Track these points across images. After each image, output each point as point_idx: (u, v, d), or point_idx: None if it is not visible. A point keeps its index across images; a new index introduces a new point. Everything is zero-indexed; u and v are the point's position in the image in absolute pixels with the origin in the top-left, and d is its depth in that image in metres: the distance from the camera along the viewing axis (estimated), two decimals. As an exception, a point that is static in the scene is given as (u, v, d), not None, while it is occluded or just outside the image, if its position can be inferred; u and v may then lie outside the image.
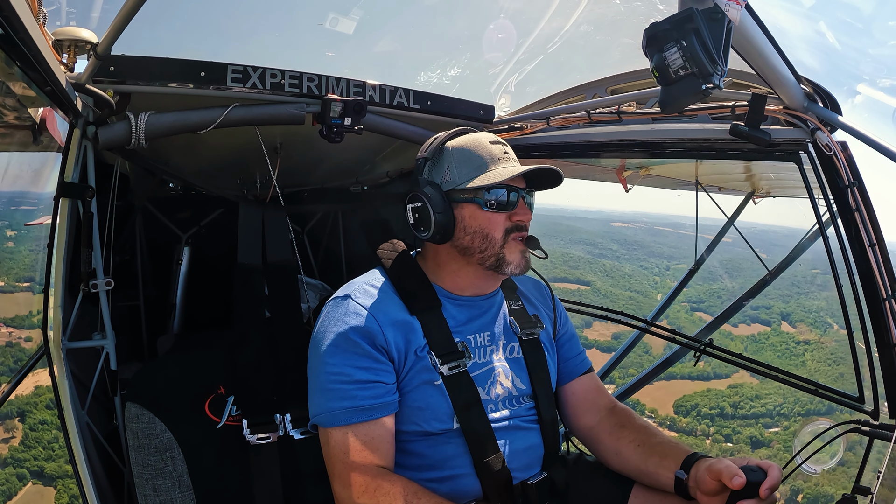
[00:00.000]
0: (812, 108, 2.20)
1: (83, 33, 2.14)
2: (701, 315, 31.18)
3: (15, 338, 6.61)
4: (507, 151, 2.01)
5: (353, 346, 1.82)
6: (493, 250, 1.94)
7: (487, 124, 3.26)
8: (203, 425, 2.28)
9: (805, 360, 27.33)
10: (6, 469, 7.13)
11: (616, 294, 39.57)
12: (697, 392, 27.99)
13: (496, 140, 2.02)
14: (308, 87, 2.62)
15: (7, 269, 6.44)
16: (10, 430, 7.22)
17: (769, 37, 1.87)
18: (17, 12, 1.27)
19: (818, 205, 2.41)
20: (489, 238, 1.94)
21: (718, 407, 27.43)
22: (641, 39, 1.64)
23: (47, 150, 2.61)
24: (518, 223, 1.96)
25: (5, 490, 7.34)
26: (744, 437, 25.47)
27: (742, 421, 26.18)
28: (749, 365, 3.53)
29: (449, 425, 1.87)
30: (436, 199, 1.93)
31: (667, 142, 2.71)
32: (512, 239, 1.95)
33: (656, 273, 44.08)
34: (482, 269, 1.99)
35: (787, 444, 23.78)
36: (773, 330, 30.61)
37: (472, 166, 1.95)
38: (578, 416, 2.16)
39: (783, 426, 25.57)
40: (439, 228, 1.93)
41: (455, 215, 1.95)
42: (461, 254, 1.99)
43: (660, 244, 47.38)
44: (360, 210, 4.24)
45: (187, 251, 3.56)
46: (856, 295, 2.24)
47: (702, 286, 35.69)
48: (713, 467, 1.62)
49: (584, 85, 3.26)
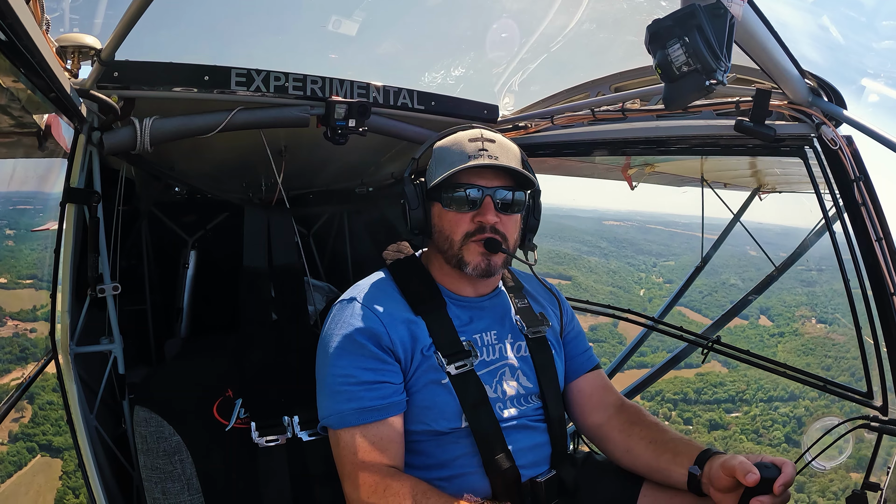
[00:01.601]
0: (817, 102, 2.19)
1: (87, 39, 2.15)
2: (681, 309, 32.45)
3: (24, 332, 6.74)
4: (485, 148, 1.95)
5: (360, 348, 1.83)
6: (453, 251, 1.95)
7: (492, 124, 3.25)
8: (211, 428, 2.29)
9: (777, 351, 28.23)
10: (17, 444, 7.29)
11: (596, 289, 40.18)
12: (664, 379, 28.73)
13: (477, 136, 1.98)
14: (312, 89, 2.62)
15: (14, 273, 6.50)
16: (20, 411, 7.35)
17: (772, 32, 1.86)
18: (21, 19, 1.28)
19: (824, 199, 2.40)
20: (449, 239, 1.96)
21: (682, 392, 28.14)
22: (644, 36, 1.63)
23: (52, 156, 2.62)
24: (480, 223, 1.93)
25: (16, 461, 7.52)
26: (703, 421, 26.35)
27: (704, 406, 26.94)
28: (758, 362, 3.51)
29: (457, 424, 1.87)
30: (410, 197, 1.98)
31: (671, 139, 2.70)
32: (472, 241, 1.93)
33: (642, 269, 44.91)
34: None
35: (746, 427, 25.71)
36: (749, 323, 31.41)
37: (445, 164, 1.95)
38: (587, 414, 2.15)
39: (743, 411, 26.68)
40: (414, 225, 1.99)
41: (431, 213, 1.99)
42: (440, 253, 2.01)
43: (649, 241, 48.01)
44: (365, 211, 4.25)
45: (193, 255, 3.57)
46: (863, 290, 2.23)
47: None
48: (727, 463, 1.61)
49: (587, 83, 3.26)
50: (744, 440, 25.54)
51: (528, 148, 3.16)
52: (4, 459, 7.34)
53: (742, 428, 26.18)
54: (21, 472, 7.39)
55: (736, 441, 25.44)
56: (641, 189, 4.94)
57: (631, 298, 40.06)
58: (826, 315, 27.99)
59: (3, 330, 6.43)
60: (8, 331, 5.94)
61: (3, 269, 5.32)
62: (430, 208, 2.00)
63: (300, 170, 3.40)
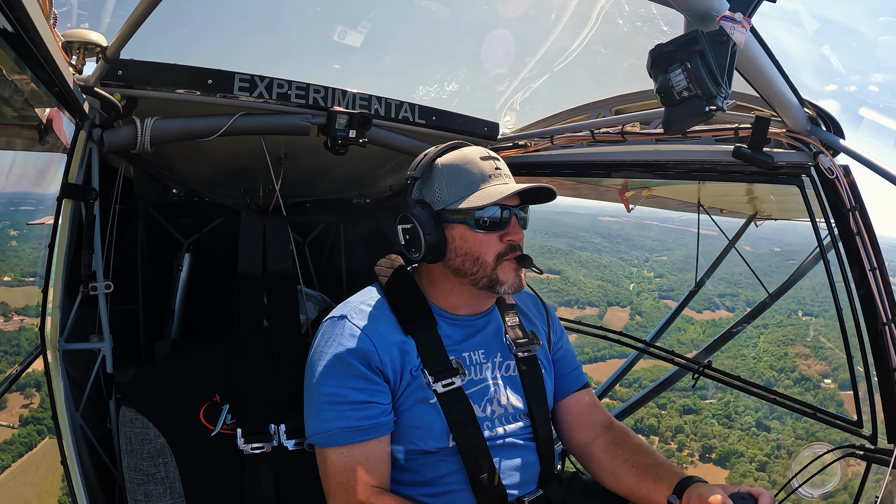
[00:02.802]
0: (815, 131, 2.22)
1: (93, 36, 2.15)
2: (667, 303, 34.83)
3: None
4: (499, 167, 1.95)
5: (349, 368, 1.82)
6: (485, 272, 1.91)
7: (491, 141, 3.27)
8: (197, 432, 2.27)
9: (757, 343, 29.02)
10: (28, 426, 7.42)
11: (584, 283, 40.89)
12: (644, 367, 29.37)
13: (487, 155, 1.96)
14: (314, 98, 2.64)
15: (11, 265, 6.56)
16: (28, 397, 7.48)
17: (773, 60, 1.88)
18: (29, 12, 1.29)
19: (820, 228, 2.41)
20: (480, 260, 1.90)
21: (658, 379, 28.65)
22: (646, 60, 1.64)
23: (52, 150, 2.62)
24: (511, 243, 1.92)
25: (27, 442, 7.76)
26: (677, 406, 26.80)
27: (680, 392, 27.33)
28: (748, 388, 3.52)
29: (444, 443, 1.86)
30: (425, 221, 1.89)
31: (669, 163, 2.72)
32: (505, 260, 1.91)
33: (634, 264, 45.48)
34: (476, 290, 1.96)
35: (717, 412, 26.73)
36: (735, 316, 31.76)
37: (463, 185, 1.90)
38: (574, 433, 2.15)
39: (718, 397, 27.08)
40: (430, 249, 1.90)
41: (446, 236, 1.91)
42: (454, 274, 1.96)
43: (643, 237, 48.38)
44: (361, 223, 4.25)
45: (188, 257, 3.57)
46: (856, 319, 2.24)
47: (675, 276, 38.57)
48: (703, 497, 1.61)
49: (588, 104, 3.28)
50: (714, 424, 26.33)
51: (527, 167, 3.18)
52: (15, 441, 7.67)
53: (714, 413, 27.01)
54: (31, 452, 7.64)
55: (706, 424, 26.36)
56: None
57: (619, 292, 41.13)
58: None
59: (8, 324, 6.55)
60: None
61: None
62: (444, 230, 1.92)
63: (299, 178, 3.40)
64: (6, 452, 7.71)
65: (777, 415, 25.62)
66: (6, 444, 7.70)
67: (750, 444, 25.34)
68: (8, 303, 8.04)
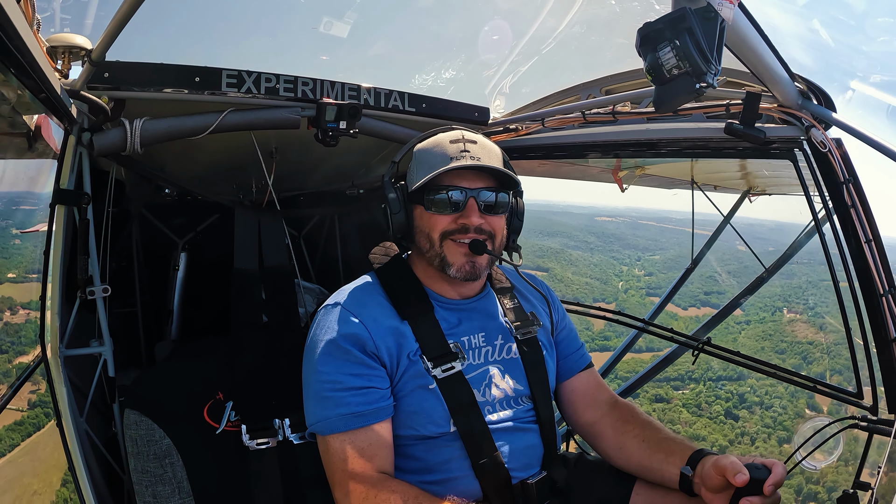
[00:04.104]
0: (806, 105, 2.21)
1: (77, 39, 2.14)
2: (654, 300, 33.75)
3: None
4: (468, 150, 1.94)
5: (345, 354, 1.82)
6: (435, 251, 1.95)
7: (482, 126, 3.25)
8: (202, 431, 2.27)
9: (737, 337, 29.39)
10: (35, 409, 7.59)
11: (572, 280, 41.19)
12: (625, 360, 30.36)
13: (458, 138, 1.97)
14: (303, 91, 2.62)
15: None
16: (36, 384, 7.77)
17: (762, 35, 1.87)
18: (11, 19, 1.27)
19: (814, 201, 2.41)
20: (430, 238, 1.95)
21: (634, 371, 29.10)
22: (635, 39, 1.64)
23: (43, 157, 2.60)
24: (462, 225, 1.92)
25: (35, 423, 7.96)
26: (649, 395, 27.14)
27: (654, 383, 27.97)
28: (748, 363, 3.53)
29: (445, 428, 1.87)
30: (392, 200, 1.98)
31: (662, 141, 2.71)
32: (453, 242, 1.92)
33: (625, 263, 45.98)
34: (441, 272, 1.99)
35: (688, 402, 27.52)
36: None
37: (427, 166, 1.95)
38: (580, 413, 2.16)
39: (690, 387, 28.26)
40: (396, 228, 1.99)
41: (413, 216, 1.99)
42: (423, 255, 2.01)
43: (637, 237, 48.82)
44: (356, 213, 4.24)
45: (184, 257, 3.56)
46: (853, 291, 2.25)
47: (665, 275, 38.82)
48: (718, 463, 1.62)
49: (578, 85, 3.27)
50: (683, 412, 26.90)
51: (519, 150, 3.16)
52: (25, 422, 7.87)
53: (684, 402, 27.65)
54: (39, 432, 7.80)
55: (675, 412, 26.98)
56: (637, 187, 4.98)
57: (605, 289, 41.62)
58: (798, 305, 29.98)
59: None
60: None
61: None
62: (412, 211, 2.00)
63: (291, 171, 3.39)
64: (16, 432, 7.93)
65: (747, 405, 26.50)
66: (16, 425, 7.90)
67: (714, 429, 25.87)
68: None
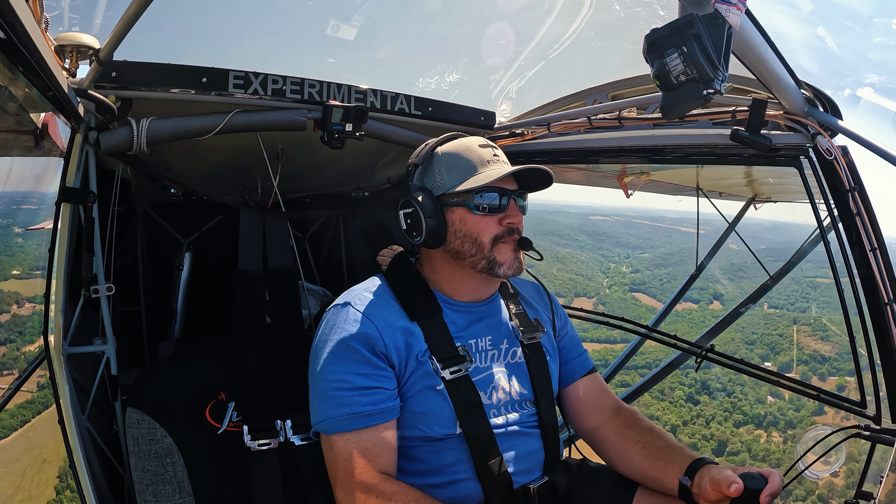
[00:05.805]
0: (812, 112, 2.21)
1: (85, 39, 2.14)
2: (636, 295, 37.32)
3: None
4: (497, 154, 2.01)
5: (353, 353, 1.82)
6: (483, 253, 1.94)
7: (488, 130, 3.26)
8: (204, 431, 2.27)
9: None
10: (44, 390, 7.82)
11: (555, 275, 41.23)
12: (595, 350, 30.34)
13: (485, 143, 2.02)
14: (309, 93, 2.63)
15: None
16: (43, 368, 7.97)
17: (769, 42, 1.87)
18: (20, 17, 1.28)
19: (819, 209, 2.41)
20: (478, 242, 1.94)
21: (604, 360, 30.13)
22: (642, 45, 1.64)
23: (49, 155, 2.61)
24: (509, 226, 1.96)
25: (44, 402, 8.10)
26: (616, 381, 27.56)
27: (623, 371, 28.46)
28: (751, 371, 3.52)
29: (451, 430, 1.87)
30: (426, 204, 1.94)
31: (668, 147, 2.71)
32: (502, 242, 1.95)
33: (613, 260, 46.45)
34: (476, 274, 1.99)
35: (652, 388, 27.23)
36: (699, 307, 33.62)
37: (462, 170, 1.95)
38: (583, 418, 2.16)
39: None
40: (431, 233, 1.94)
41: (446, 219, 1.96)
42: (454, 258, 1.99)
43: (630, 235, 49.14)
44: (361, 216, 4.25)
45: (188, 257, 3.56)
46: (857, 299, 2.24)
47: (651, 272, 40.00)
48: (714, 479, 1.62)
49: (584, 91, 3.26)
50: (646, 396, 26.71)
51: (525, 155, 3.16)
52: (35, 401, 8.20)
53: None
54: (48, 410, 7.86)
55: (661, 408, 27.31)
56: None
57: (588, 285, 42.25)
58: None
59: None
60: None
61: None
62: (444, 215, 1.97)
63: (296, 173, 3.39)
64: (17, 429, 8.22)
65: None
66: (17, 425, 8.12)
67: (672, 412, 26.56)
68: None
